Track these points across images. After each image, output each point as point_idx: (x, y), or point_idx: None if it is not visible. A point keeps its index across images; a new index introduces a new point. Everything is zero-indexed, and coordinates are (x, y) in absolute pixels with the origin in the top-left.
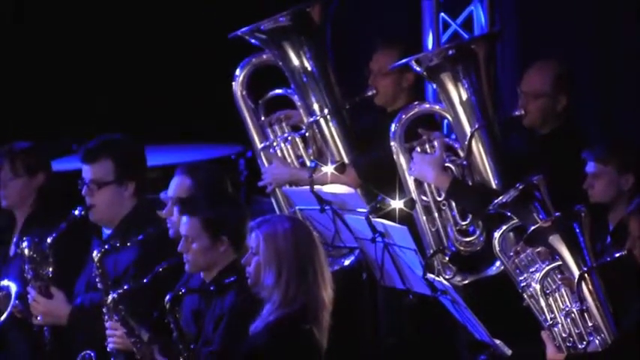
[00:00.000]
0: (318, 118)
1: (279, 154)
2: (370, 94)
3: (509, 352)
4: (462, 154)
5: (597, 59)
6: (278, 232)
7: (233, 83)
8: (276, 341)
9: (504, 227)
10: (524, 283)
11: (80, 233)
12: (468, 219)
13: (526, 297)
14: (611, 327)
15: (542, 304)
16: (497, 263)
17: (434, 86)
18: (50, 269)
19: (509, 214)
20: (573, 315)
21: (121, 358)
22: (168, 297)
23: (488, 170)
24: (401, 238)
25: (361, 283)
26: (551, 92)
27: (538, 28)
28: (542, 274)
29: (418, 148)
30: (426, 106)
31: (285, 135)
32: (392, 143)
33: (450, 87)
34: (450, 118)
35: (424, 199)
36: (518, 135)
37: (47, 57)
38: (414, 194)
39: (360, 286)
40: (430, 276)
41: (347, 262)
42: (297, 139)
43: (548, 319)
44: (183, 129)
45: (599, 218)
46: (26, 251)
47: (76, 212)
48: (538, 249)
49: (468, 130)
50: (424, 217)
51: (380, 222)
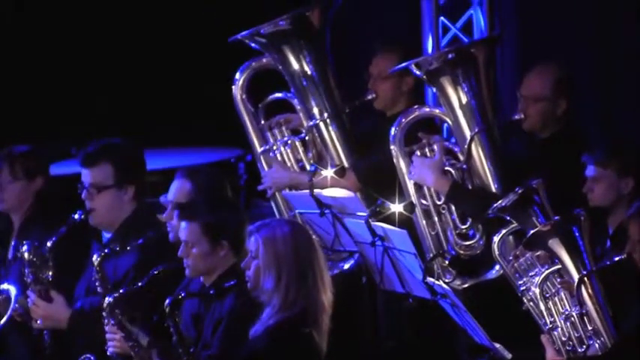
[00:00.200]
0: (318, 121)
1: (279, 158)
2: (370, 97)
3: (509, 355)
4: (461, 158)
5: (597, 61)
6: (277, 236)
7: (233, 87)
8: (275, 345)
9: (504, 231)
10: (523, 287)
11: (80, 237)
12: (468, 223)
13: (525, 301)
14: (610, 331)
15: (542, 307)
16: (497, 267)
17: (434, 90)
18: (50, 273)
19: (508, 218)
20: (573, 319)
21: None
22: (168, 301)
23: (488, 174)
24: (401, 241)
25: (361, 287)
26: (551, 96)
27: (538, 31)
28: (541, 278)
29: (418, 152)
30: (426, 109)
31: (285, 139)
32: (392, 147)
33: (450, 91)
34: (450, 122)
35: (424, 202)
36: (517, 139)
37: (47, 60)
38: (414, 198)
39: (359, 290)
40: (430, 280)
41: (347, 266)
42: (297, 143)
43: (548, 322)
44: (182, 132)
45: (599, 222)
46: (26, 255)
47: (75, 216)
48: (537, 253)
49: (467, 133)
50: (424, 221)
51: (379, 226)
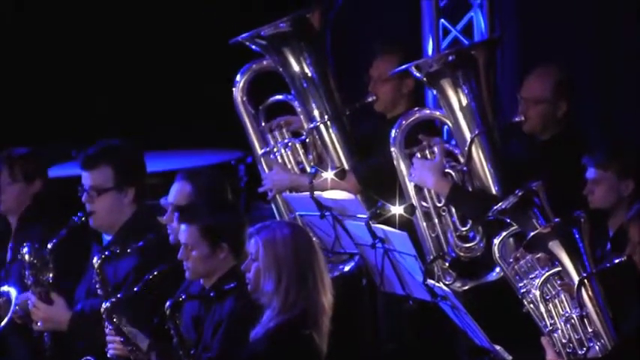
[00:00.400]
0: (319, 124)
1: (280, 160)
2: (370, 100)
3: (509, 357)
4: (462, 160)
5: (597, 63)
6: (277, 238)
7: (233, 89)
8: (276, 347)
9: (504, 234)
10: (524, 290)
11: (81, 239)
12: (468, 225)
13: (526, 303)
14: (610, 333)
15: (542, 310)
16: (498, 269)
17: (434, 92)
18: (50, 275)
19: (508, 221)
20: (573, 321)
21: None
22: (168, 303)
23: (488, 176)
24: (401, 243)
25: (361, 289)
26: (551, 98)
27: (538, 33)
28: (541, 280)
29: (418, 154)
30: (426, 112)
31: (286, 141)
32: (392, 149)
33: (450, 93)
34: (450, 124)
35: (424, 204)
36: (518, 141)
37: (47, 61)
38: (414, 200)
39: (360, 292)
40: (430, 282)
41: (347, 268)
42: (298, 145)
43: (548, 325)
44: (183, 134)
45: (599, 224)
46: (26, 257)
47: (76, 218)
48: (538, 255)
49: (468, 136)
50: (424, 223)
51: (380, 228)
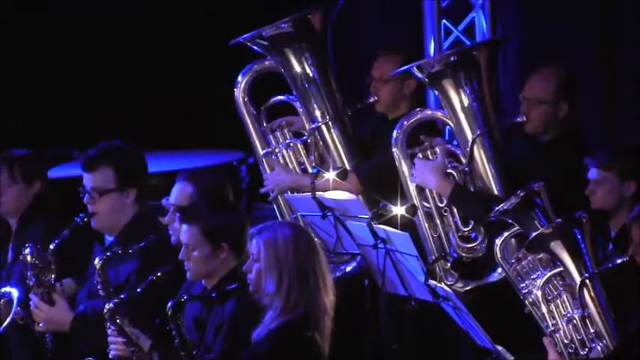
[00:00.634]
0: (320, 124)
1: (281, 161)
2: (372, 100)
3: (511, 358)
4: (463, 161)
5: (599, 63)
6: (279, 238)
7: (235, 90)
8: (278, 348)
9: (505, 234)
10: (525, 290)
11: (83, 240)
12: (470, 225)
13: (528, 304)
14: (612, 333)
15: (544, 310)
16: (499, 269)
17: (435, 93)
18: (52, 276)
19: (510, 221)
20: (575, 321)
21: None
22: (170, 304)
23: (490, 177)
24: (403, 244)
25: (363, 290)
26: (552, 99)
27: (540, 34)
28: (543, 281)
29: (420, 155)
30: (428, 112)
31: (287, 141)
32: (393, 149)
33: (452, 93)
34: (452, 125)
35: (426, 205)
36: (519, 141)
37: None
38: (416, 200)
39: (361, 293)
40: (432, 282)
41: (349, 269)
42: (299, 146)
43: (550, 325)
44: (184, 135)
45: (601, 225)
46: (28, 258)
47: (78, 219)
48: (539, 256)
49: (469, 136)
50: (426, 224)
51: (382, 228)
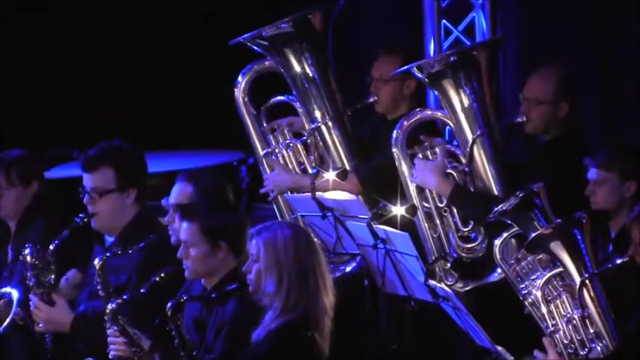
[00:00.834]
0: (320, 124)
1: (281, 161)
2: (372, 100)
3: (510, 358)
4: (463, 161)
5: (599, 63)
6: (278, 239)
7: (235, 90)
8: (278, 348)
9: (505, 235)
10: (525, 291)
11: (83, 240)
12: (470, 225)
13: (527, 304)
14: (612, 333)
15: (544, 311)
16: (499, 270)
17: (435, 93)
18: (52, 276)
19: (509, 222)
20: (575, 322)
21: None
22: (169, 304)
23: (490, 177)
24: (402, 244)
25: (363, 290)
26: (553, 99)
27: (539, 34)
28: (543, 281)
29: (420, 155)
30: (428, 112)
31: (287, 141)
32: (393, 150)
33: (452, 93)
34: (452, 125)
35: (426, 205)
36: (520, 142)
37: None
38: (416, 201)
39: (361, 293)
40: (432, 282)
41: (348, 269)
42: (299, 146)
43: (550, 325)
44: (184, 135)
45: (601, 225)
46: (28, 258)
47: (78, 220)
48: (539, 256)
49: (469, 136)
50: (426, 224)
51: (381, 228)
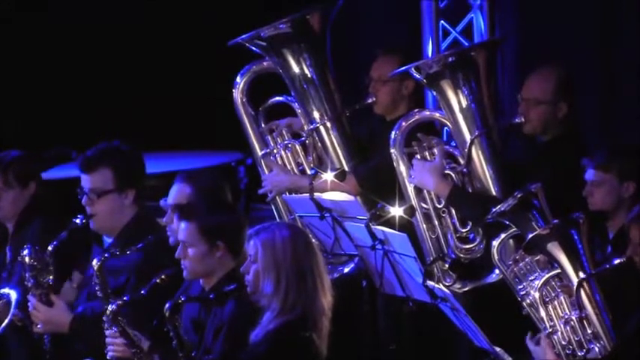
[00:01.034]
0: (318, 125)
1: (279, 162)
2: (370, 101)
3: (509, 359)
4: (462, 162)
5: (598, 64)
6: (276, 239)
7: (233, 90)
8: (276, 349)
9: (503, 236)
10: (523, 292)
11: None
12: (468, 226)
13: (525, 305)
14: (610, 334)
15: (542, 312)
16: (497, 270)
17: (434, 93)
18: (51, 277)
19: (507, 223)
20: (573, 322)
21: None
22: (167, 305)
23: (488, 177)
24: (401, 245)
25: (361, 291)
26: (551, 99)
27: (538, 34)
28: (541, 282)
29: (418, 155)
30: (426, 113)
31: (286, 142)
32: (392, 150)
33: (450, 94)
34: (450, 126)
35: (424, 206)
36: (518, 142)
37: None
38: (414, 201)
39: (359, 294)
40: (430, 283)
41: (347, 270)
42: (297, 147)
43: (548, 326)
44: (183, 136)
45: (599, 226)
46: (27, 259)
47: (77, 221)
48: (537, 257)
49: (467, 137)
50: (424, 225)
51: (380, 229)
